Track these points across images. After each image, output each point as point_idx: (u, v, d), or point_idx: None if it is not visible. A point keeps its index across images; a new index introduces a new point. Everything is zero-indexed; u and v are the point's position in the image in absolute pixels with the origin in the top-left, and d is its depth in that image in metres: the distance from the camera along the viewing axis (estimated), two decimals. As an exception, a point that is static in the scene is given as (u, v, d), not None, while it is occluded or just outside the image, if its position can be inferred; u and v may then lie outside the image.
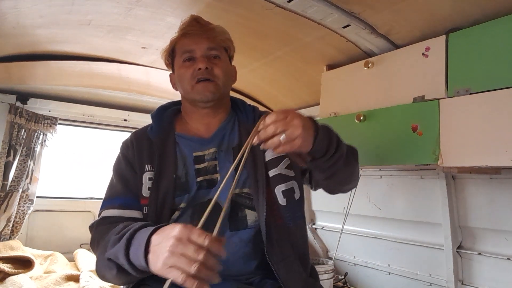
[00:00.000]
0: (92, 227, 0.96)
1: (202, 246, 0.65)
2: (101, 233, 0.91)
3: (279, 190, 0.99)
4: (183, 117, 1.11)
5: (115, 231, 0.84)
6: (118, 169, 1.03)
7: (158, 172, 0.99)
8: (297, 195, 1.02)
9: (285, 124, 0.77)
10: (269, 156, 1.02)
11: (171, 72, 1.14)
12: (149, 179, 0.99)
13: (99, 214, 0.98)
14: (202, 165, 1.01)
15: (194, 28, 1.04)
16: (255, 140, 0.81)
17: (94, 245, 0.93)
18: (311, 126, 0.83)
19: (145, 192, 0.98)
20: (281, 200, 0.99)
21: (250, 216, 0.97)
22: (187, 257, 0.65)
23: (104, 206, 0.98)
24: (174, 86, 1.13)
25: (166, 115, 1.10)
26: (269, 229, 0.94)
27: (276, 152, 0.80)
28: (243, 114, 1.09)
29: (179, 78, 1.05)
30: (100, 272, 0.87)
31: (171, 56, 1.10)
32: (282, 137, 0.76)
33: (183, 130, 1.07)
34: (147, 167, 1.00)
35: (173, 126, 1.08)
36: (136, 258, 0.74)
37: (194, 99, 1.03)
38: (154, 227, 0.76)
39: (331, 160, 0.89)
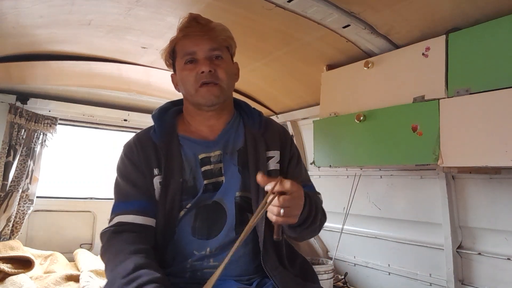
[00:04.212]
0: (105, 235, 0.93)
1: None
2: (111, 252, 0.89)
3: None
4: (185, 118, 1.09)
5: (121, 273, 0.80)
6: (125, 172, 1.00)
7: (166, 177, 0.97)
8: None
9: (290, 202, 0.79)
10: (271, 166, 1.02)
11: (172, 72, 1.12)
12: (160, 183, 0.98)
13: (111, 219, 0.95)
14: (208, 167, 1.00)
15: (194, 29, 1.00)
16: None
17: (104, 258, 0.91)
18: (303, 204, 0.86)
19: (158, 196, 0.97)
20: None
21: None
22: None
23: (117, 211, 0.95)
24: (176, 87, 1.10)
25: (167, 116, 1.08)
26: (266, 237, 0.95)
27: (270, 218, 0.82)
28: (249, 118, 1.08)
29: (182, 81, 1.02)
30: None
31: (172, 56, 1.07)
32: (282, 211, 0.79)
33: (186, 132, 1.05)
34: (155, 171, 0.98)
35: (175, 128, 1.06)
36: None
37: (199, 103, 1.01)
38: None
39: (300, 229, 0.91)
